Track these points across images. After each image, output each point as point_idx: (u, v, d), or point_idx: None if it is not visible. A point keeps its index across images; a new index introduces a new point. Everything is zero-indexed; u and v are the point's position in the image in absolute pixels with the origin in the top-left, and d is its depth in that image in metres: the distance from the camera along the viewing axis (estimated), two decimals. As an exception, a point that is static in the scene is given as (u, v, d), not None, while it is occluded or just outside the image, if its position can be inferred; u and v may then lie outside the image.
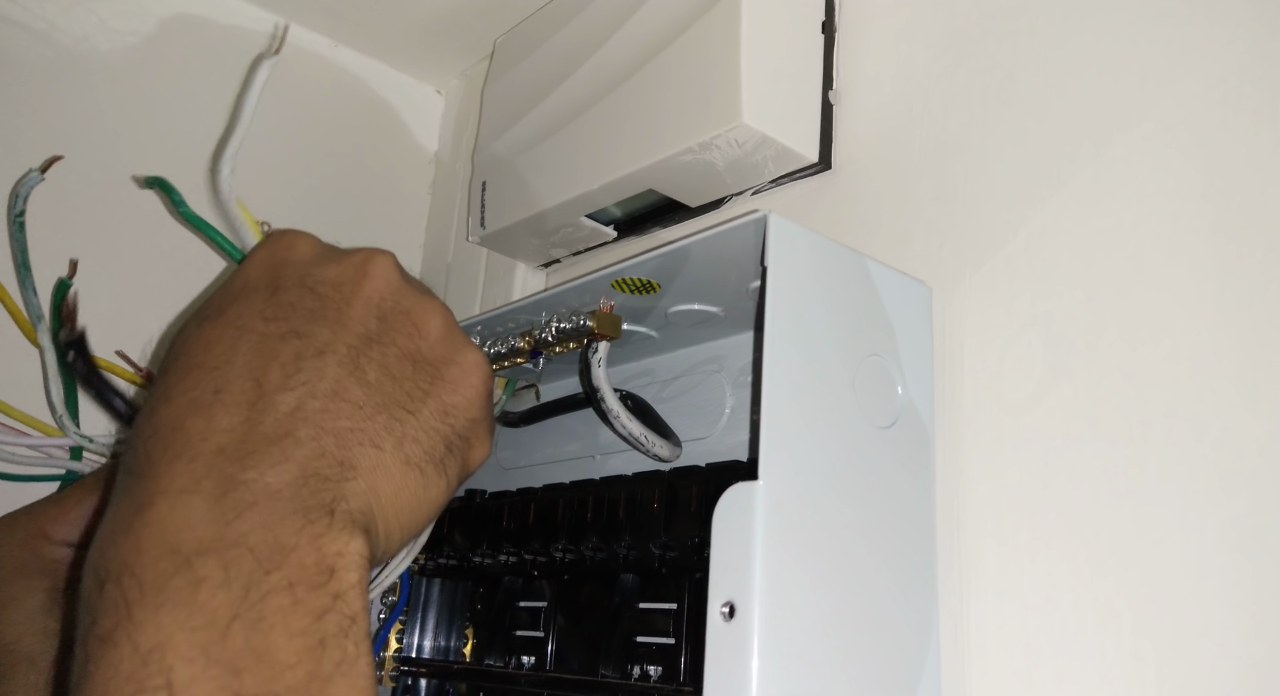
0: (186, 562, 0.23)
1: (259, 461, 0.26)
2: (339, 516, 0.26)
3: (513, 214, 0.50)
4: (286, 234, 0.32)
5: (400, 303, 0.31)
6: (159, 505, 0.24)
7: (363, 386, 0.29)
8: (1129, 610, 0.28)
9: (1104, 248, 0.32)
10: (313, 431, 0.27)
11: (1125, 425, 0.30)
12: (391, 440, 0.29)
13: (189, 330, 0.29)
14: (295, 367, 0.28)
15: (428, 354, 0.31)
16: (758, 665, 0.26)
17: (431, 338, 0.31)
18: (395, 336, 0.30)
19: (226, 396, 0.27)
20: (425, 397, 0.30)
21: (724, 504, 0.28)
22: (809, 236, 0.31)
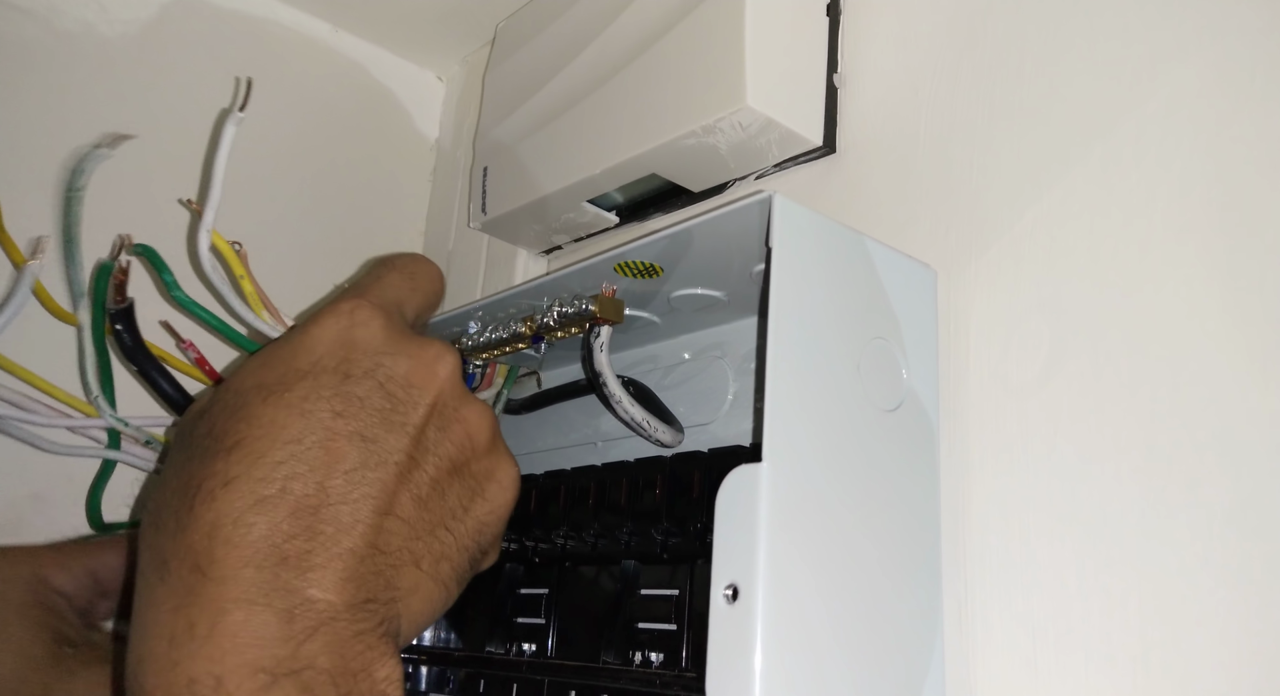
0: (273, 682, 0.24)
1: (321, 578, 0.26)
2: (387, 640, 0.27)
3: (514, 199, 0.49)
4: (360, 310, 0.31)
5: (459, 409, 0.31)
6: (234, 615, 0.25)
7: (415, 503, 0.29)
8: (1134, 593, 0.28)
9: (1111, 230, 0.31)
10: (369, 551, 0.27)
11: (1132, 408, 0.30)
12: (430, 559, 0.29)
13: (252, 399, 0.28)
14: (360, 477, 0.28)
15: (474, 467, 0.32)
16: (761, 647, 0.26)
17: (481, 448, 0.32)
18: (449, 446, 0.31)
19: (291, 498, 0.26)
20: (465, 515, 0.31)
21: (727, 487, 0.28)
22: (814, 218, 0.31)
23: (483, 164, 0.52)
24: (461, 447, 0.31)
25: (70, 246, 0.37)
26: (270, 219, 0.57)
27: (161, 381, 0.37)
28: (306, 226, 0.59)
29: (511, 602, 0.47)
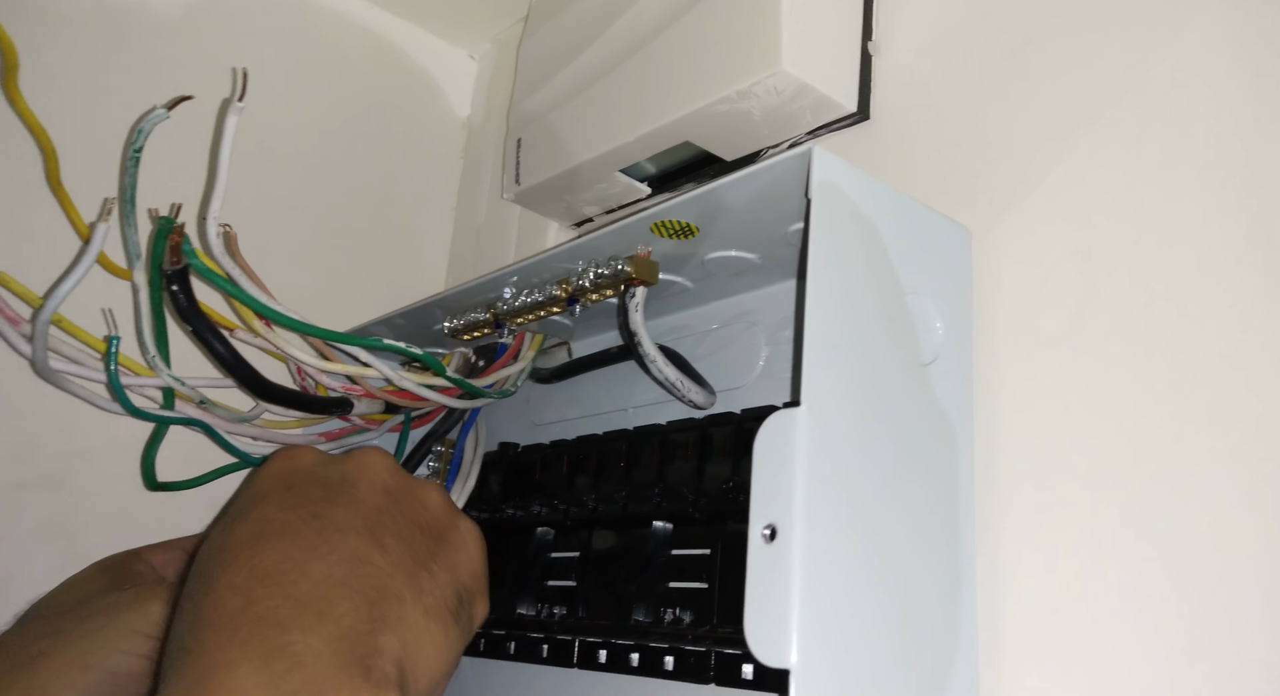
0: None
1: (297, 624, 0.28)
2: (375, 672, 0.29)
3: (548, 169, 0.50)
4: (291, 448, 0.37)
5: (402, 483, 0.36)
6: (213, 679, 0.27)
7: (382, 552, 0.33)
8: (1166, 542, 0.29)
9: (1141, 179, 0.32)
10: (342, 592, 0.30)
11: (1163, 356, 0.30)
12: (412, 593, 0.33)
13: (214, 534, 0.33)
14: (320, 541, 0.31)
15: (431, 523, 0.36)
16: (798, 584, 0.26)
17: (434, 509, 0.37)
18: (404, 510, 0.35)
19: (259, 573, 0.30)
20: (434, 556, 0.35)
21: (766, 430, 0.28)
22: (852, 171, 0.31)
23: (516, 136, 0.53)
24: (414, 509, 0.36)
25: (128, 207, 0.38)
26: (304, 193, 0.58)
27: (215, 342, 0.38)
28: (340, 201, 0.59)
29: (542, 566, 0.47)
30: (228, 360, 0.38)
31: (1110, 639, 0.29)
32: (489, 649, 0.49)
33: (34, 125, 0.39)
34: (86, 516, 0.47)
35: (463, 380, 0.45)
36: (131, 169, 0.37)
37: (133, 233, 0.39)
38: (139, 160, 0.37)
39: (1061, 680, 0.30)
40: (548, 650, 0.45)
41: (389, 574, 0.32)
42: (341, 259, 0.59)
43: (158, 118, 0.36)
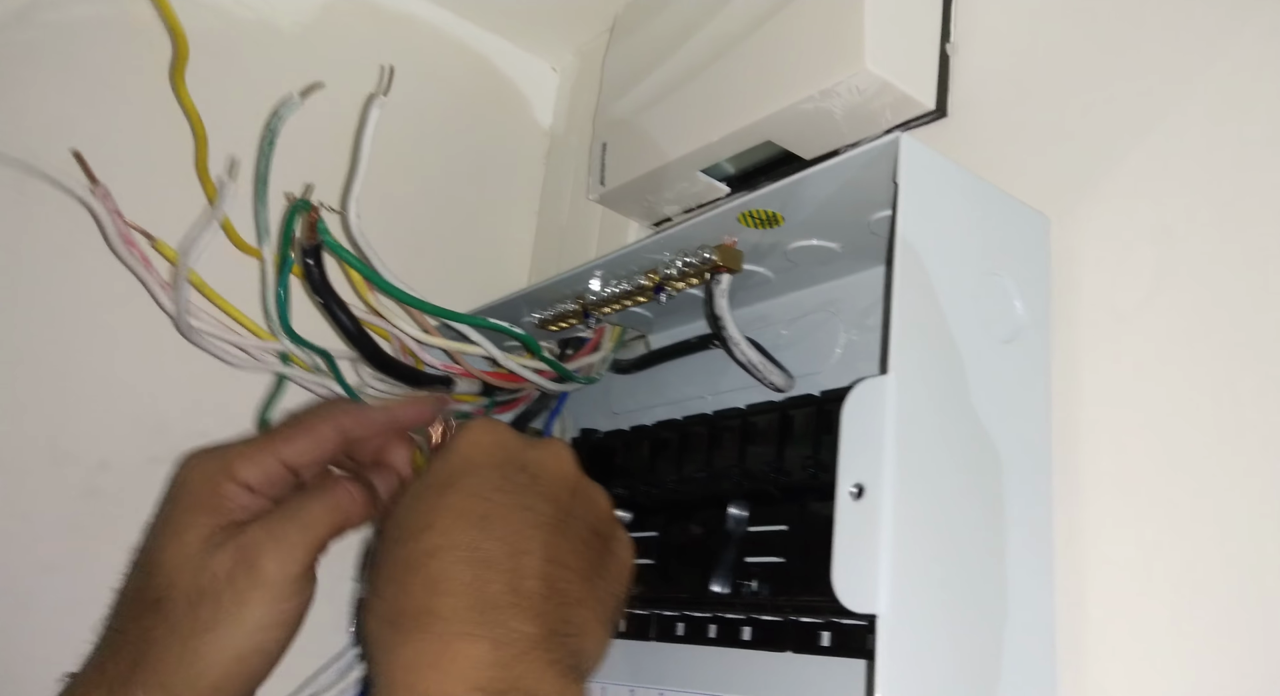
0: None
1: (518, 614, 0.32)
2: (574, 670, 0.33)
3: (632, 170, 0.53)
4: (486, 421, 0.40)
5: (582, 482, 0.39)
6: (457, 644, 0.31)
7: (573, 553, 0.36)
8: (1248, 511, 0.30)
9: (1220, 159, 0.33)
10: (550, 592, 0.34)
11: (1241, 330, 0.31)
12: (593, 601, 0.36)
13: (427, 498, 0.36)
14: (529, 535, 0.35)
15: (601, 528, 0.39)
16: (886, 539, 0.28)
17: (603, 514, 0.39)
18: (582, 510, 0.38)
19: (483, 554, 0.33)
20: (605, 563, 0.38)
21: (854, 397, 0.30)
22: (937, 158, 0.33)
23: (601, 140, 0.56)
24: (589, 511, 0.38)
25: (261, 187, 0.42)
26: (395, 197, 0.61)
27: (341, 315, 0.41)
28: (428, 204, 0.63)
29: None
30: (352, 332, 0.41)
31: (1191, 608, 0.30)
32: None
33: (192, 113, 0.43)
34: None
35: (555, 362, 0.47)
36: (267, 151, 0.41)
37: (264, 211, 0.42)
38: (274, 143, 0.40)
39: (1142, 645, 0.31)
40: (625, 624, 0.47)
41: (580, 578, 0.35)
42: (429, 259, 0.62)
43: (293, 105, 0.39)
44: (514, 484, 0.36)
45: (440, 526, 0.34)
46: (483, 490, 0.35)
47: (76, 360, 0.48)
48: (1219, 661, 0.29)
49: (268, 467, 0.40)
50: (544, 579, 0.34)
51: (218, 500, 0.39)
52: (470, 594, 0.32)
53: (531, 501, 0.36)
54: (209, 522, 0.38)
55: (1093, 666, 0.32)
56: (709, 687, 0.43)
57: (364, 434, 0.43)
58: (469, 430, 0.39)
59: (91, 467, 0.46)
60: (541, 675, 0.31)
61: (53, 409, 0.47)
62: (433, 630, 0.31)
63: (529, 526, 0.35)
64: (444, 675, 0.30)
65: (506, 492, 0.35)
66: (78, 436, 0.47)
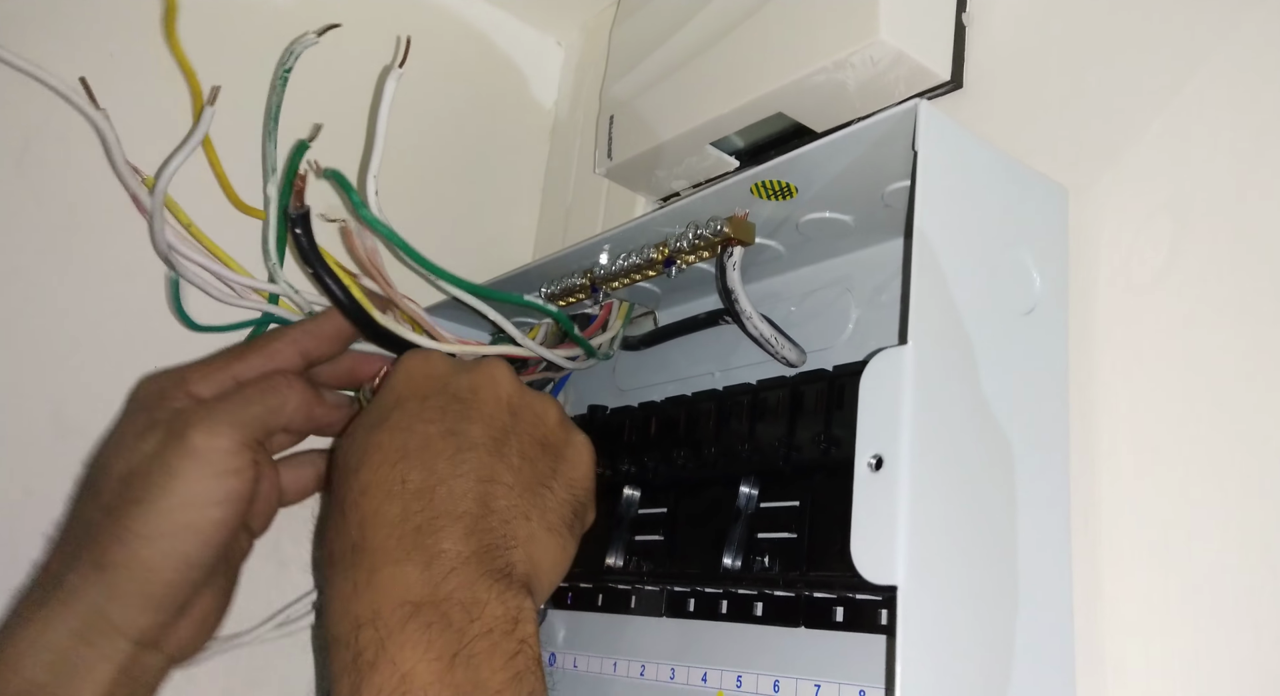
0: (416, 611, 0.31)
1: (449, 535, 0.34)
2: (514, 579, 0.34)
3: (640, 144, 0.52)
4: (419, 353, 0.40)
5: (524, 399, 0.39)
6: (383, 571, 0.32)
7: (510, 470, 0.36)
8: (1267, 480, 0.29)
9: (1240, 128, 0.33)
10: (483, 510, 0.34)
11: (1260, 298, 0.31)
12: (537, 512, 0.37)
13: (359, 437, 0.37)
14: (459, 459, 0.35)
15: (550, 439, 0.39)
16: (904, 509, 0.28)
17: (551, 425, 0.40)
18: (525, 426, 0.38)
19: (412, 485, 0.34)
20: (554, 474, 0.39)
21: (873, 367, 0.30)
22: (956, 127, 0.33)
23: (609, 114, 0.55)
24: (535, 425, 0.39)
25: (271, 124, 0.42)
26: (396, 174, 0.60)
27: (332, 283, 0.40)
28: (430, 182, 0.62)
29: (630, 523, 0.49)
30: (344, 302, 0.41)
31: (1208, 583, 0.30)
32: (576, 602, 0.51)
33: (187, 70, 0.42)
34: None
35: (584, 340, 0.47)
36: (280, 88, 0.41)
37: (272, 148, 0.43)
38: (287, 81, 0.41)
39: (1158, 620, 0.31)
40: (636, 601, 0.47)
41: (518, 493, 0.36)
42: (431, 237, 0.61)
43: (308, 42, 0.39)
44: (443, 412, 0.36)
45: (370, 463, 0.35)
46: (410, 423, 0.36)
47: (79, 332, 0.48)
48: (1237, 638, 0.29)
49: (220, 382, 0.40)
50: (478, 499, 0.34)
51: (168, 408, 0.39)
52: (398, 525, 0.33)
53: (461, 426, 0.36)
54: (166, 429, 0.38)
55: (1109, 642, 0.31)
56: (721, 663, 0.42)
57: (323, 353, 0.43)
58: (401, 363, 0.40)
59: (95, 440, 0.45)
60: (473, 585, 0.32)
61: (55, 380, 0.47)
62: (361, 563, 0.33)
63: (458, 451, 0.35)
64: (372, 597, 0.32)
65: (433, 422, 0.36)
66: (81, 408, 0.46)
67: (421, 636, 0.30)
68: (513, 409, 0.38)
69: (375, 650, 0.30)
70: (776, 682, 0.40)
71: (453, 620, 0.31)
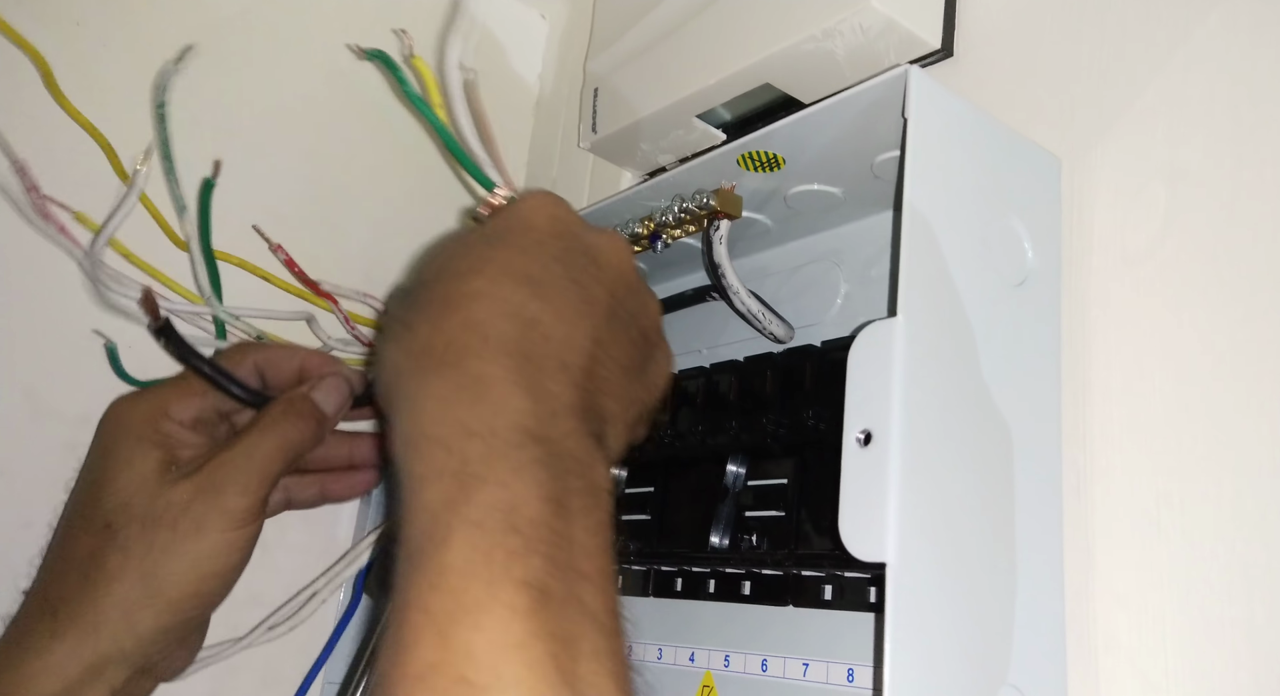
0: (531, 440, 0.28)
1: (556, 376, 0.30)
2: (604, 445, 0.31)
3: (626, 116, 0.51)
4: (553, 195, 0.36)
5: (638, 281, 0.36)
6: (498, 388, 0.28)
7: (614, 342, 0.33)
8: (1262, 450, 0.29)
9: (1233, 93, 0.32)
10: (588, 370, 0.31)
11: (1253, 264, 0.30)
12: (623, 398, 0.34)
13: (479, 247, 0.33)
14: (577, 308, 0.32)
15: (649, 333, 0.36)
16: (894, 482, 0.27)
17: (653, 320, 0.37)
18: (633, 308, 0.35)
19: (528, 314, 0.30)
20: (643, 370, 0.36)
21: (862, 340, 0.29)
22: (947, 95, 0.32)
23: (593, 86, 0.54)
24: (639, 314, 0.35)
25: (168, 163, 0.41)
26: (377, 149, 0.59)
27: (218, 376, 0.41)
28: (411, 156, 0.61)
29: (617, 502, 0.48)
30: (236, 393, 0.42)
31: (1199, 550, 0.30)
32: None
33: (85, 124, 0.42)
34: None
35: None
36: (161, 124, 0.40)
37: (176, 187, 0.42)
38: (164, 115, 0.40)
39: (1150, 592, 0.30)
40: (623, 581, 0.46)
41: (618, 368, 0.33)
42: (415, 213, 0.61)
43: (169, 73, 0.39)
44: (571, 259, 0.33)
45: (489, 274, 0.31)
46: (539, 253, 0.32)
47: (54, 309, 0.46)
48: (1227, 610, 0.29)
49: (200, 409, 0.42)
50: (588, 357, 0.31)
51: (161, 436, 0.41)
52: (510, 345, 0.29)
53: (587, 282, 0.33)
54: (158, 455, 0.40)
55: (1100, 615, 0.31)
56: (709, 643, 0.42)
57: (280, 365, 0.44)
58: (532, 196, 0.36)
59: (72, 422, 0.44)
60: (579, 438, 0.29)
61: (29, 360, 0.46)
62: (467, 367, 0.29)
63: (581, 303, 0.32)
64: (488, 412, 0.28)
65: (562, 264, 0.33)
66: (56, 389, 0.45)
67: (533, 468, 0.27)
68: (629, 286, 0.35)
69: (486, 465, 0.27)
70: (765, 662, 0.39)
71: (562, 464, 0.28)
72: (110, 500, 0.39)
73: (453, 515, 0.26)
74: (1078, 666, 0.31)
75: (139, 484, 0.39)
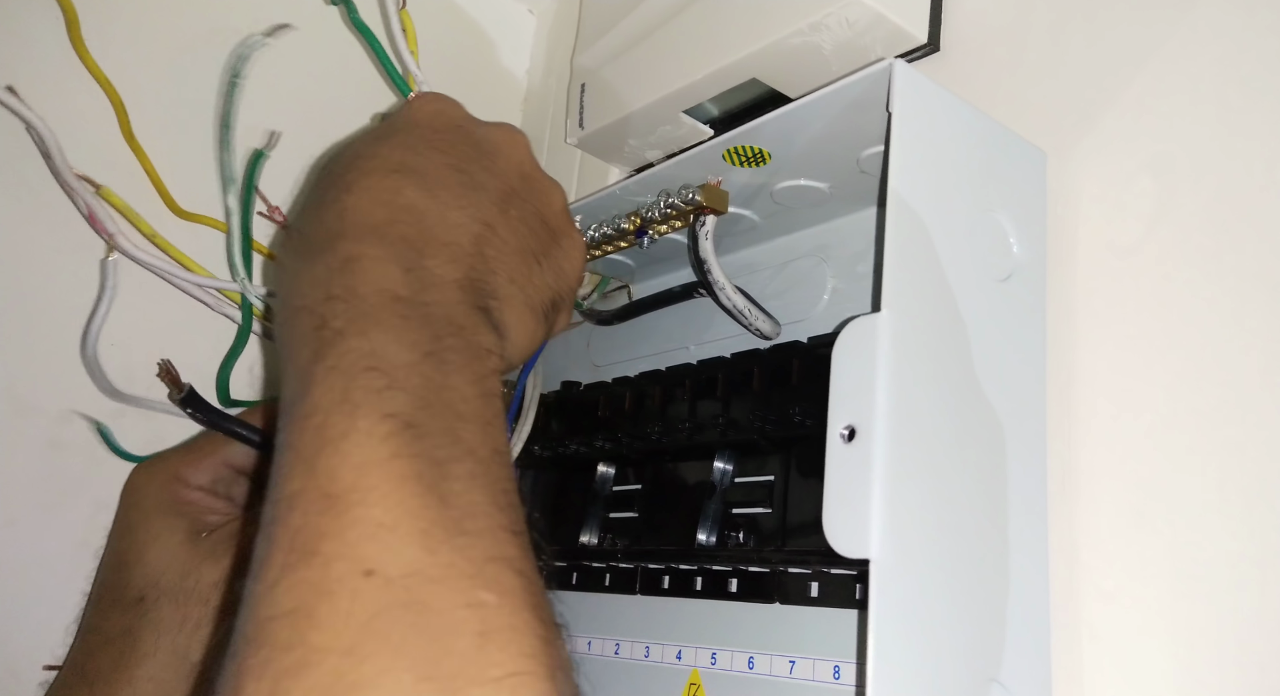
0: (396, 301, 0.27)
1: (435, 255, 0.30)
2: (492, 318, 0.30)
3: (613, 112, 0.51)
4: (442, 96, 0.37)
5: (535, 171, 0.37)
6: (364, 260, 0.28)
7: (507, 227, 0.33)
8: (1250, 444, 0.29)
9: (1221, 85, 0.32)
10: (474, 250, 0.31)
11: (1241, 257, 0.30)
12: (521, 280, 0.33)
13: (355, 145, 0.33)
14: (460, 194, 0.32)
15: (551, 221, 0.36)
16: (878, 478, 0.27)
17: (556, 208, 0.37)
18: (530, 196, 0.35)
19: (404, 199, 0.31)
20: (547, 255, 0.35)
21: (846, 335, 0.29)
22: (933, 88, 0.31)
23: (580, 81, 0.54)
24: (539, 201, 0.36)
25: (226, 132, 0.40)
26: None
27: (244, 432, 0.41)
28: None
29: (604, 500, 0.48)
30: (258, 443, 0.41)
31: (1184, 545, 0.29)
32: (550, 580, 0.50)
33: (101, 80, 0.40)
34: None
35: None
36: (230, 94, 0.39)
37: (229, 158, 0.41)
38: (237, 85, 0.38)
39: (1135, 586, 0.30)
40: (610, 579, 0.46)
41: (510, 251, 0.33)
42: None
43: (255, 44, 0.37)
44: (454, 148, 0.34)
45: (362, 168, 0.31)
46: (417, 145, 0.33)
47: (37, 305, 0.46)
48: (1212, 603, 0.29)
49: (214, 470, 0.42)
50: (472, 238, 0.31)
51: (182, 505, 0.40)
52: (382, 228, 0.29)
53: (471, 168, 0.33)
54: (183, 526, 0.40)
55: (1085, 608, 0.31)
56: (696, 641, 0.42)
57: None
58: (421, 96, 0.37)
59: (54, 418, 0.44)
60: (456, 305, 0.29)
61: (10, 355, 0.45)
62: (337, 249, 0.29)
63: (464, 188, 0.32)
64: (349, 278, 0.28)
65: (442, 153, 0.33)
66: (38, 386, 0.45)
67: (398, 323, 0.27)
68: (524, 175, 0.36)
69: (345, 321, 0.27)
70: (751, 659, 0.39)
71: (432, 322, 0.27)
72: (140, 577, 0.38)
73: (316, 366, 0.26)
74: (1063, 661, 0.31)
75: (169, 559, 0.39)
